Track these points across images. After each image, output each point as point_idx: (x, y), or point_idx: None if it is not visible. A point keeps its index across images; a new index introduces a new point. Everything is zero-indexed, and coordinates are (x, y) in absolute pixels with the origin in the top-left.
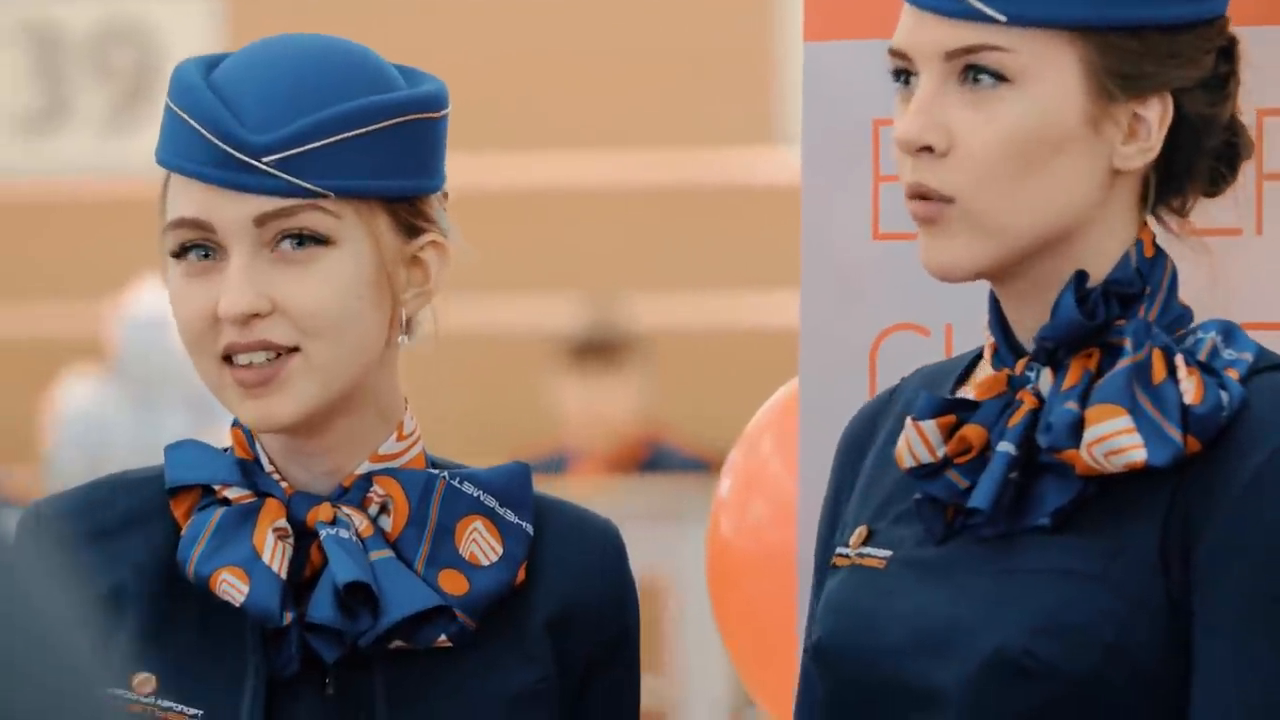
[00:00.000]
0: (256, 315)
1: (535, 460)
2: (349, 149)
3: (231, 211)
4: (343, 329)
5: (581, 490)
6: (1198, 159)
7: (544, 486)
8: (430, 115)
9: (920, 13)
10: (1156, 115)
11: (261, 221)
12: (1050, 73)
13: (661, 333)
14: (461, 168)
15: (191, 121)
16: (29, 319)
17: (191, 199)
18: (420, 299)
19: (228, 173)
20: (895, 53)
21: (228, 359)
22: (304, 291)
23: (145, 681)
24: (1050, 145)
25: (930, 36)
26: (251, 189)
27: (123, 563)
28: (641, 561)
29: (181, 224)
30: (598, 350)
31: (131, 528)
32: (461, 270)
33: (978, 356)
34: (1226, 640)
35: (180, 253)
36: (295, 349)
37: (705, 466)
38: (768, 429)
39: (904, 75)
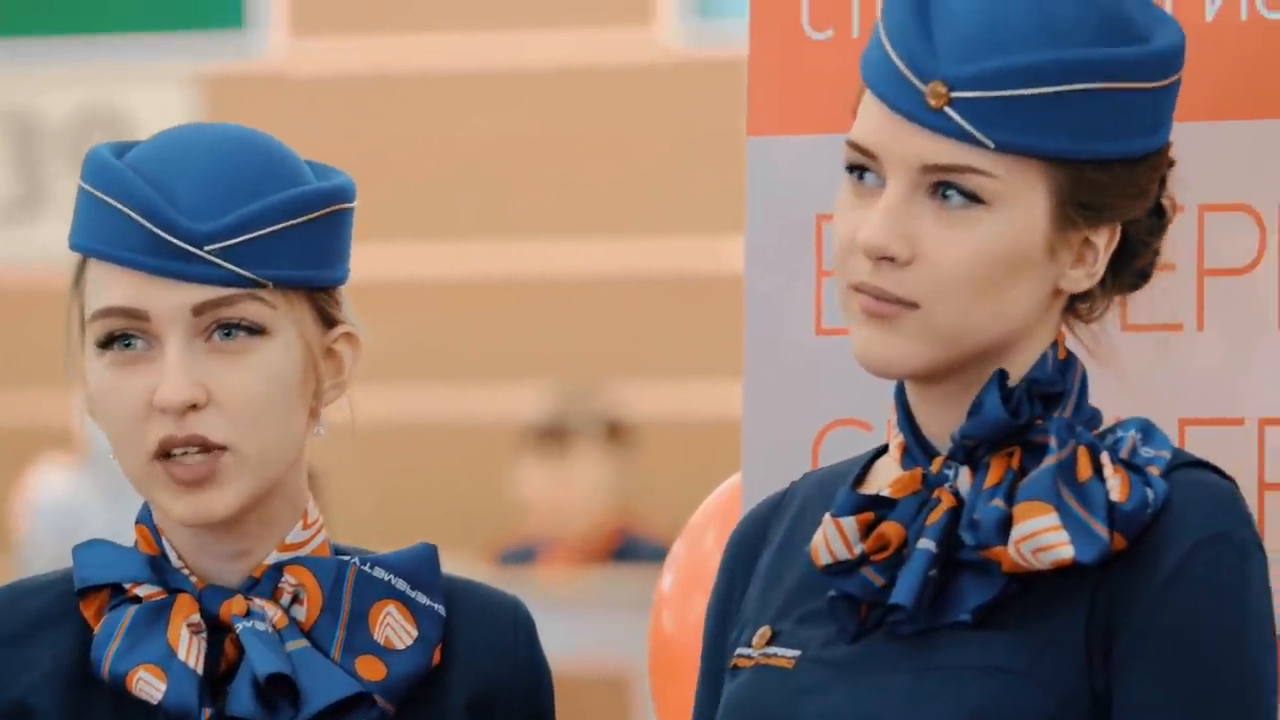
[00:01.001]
0: (193, 407)
1: (504, 550)
2: (284, 239)
3: (168, 300)
4: (272, 421)
5: (552, 579)
6: (1123, 279)
7: (514, 576)
8: (347, 206)
9: (896, 117)
10: (1105, 242)
11: (200, 310)
12: (1023, 199)
13: (630, 420)
14: (431, 256)
15: (121, 207)
16: (2, 407)
17: (121, 287)
18: (336, 390)
19: (165, 261)
20: (860, 149)
21: (162, 454)
22: (238, 383)
23: None
24: (1012, 267)
25: (907, 146)
26: (191, 278)
27: (29, 671)
28: (612, 651)
29: (110, 313)
30: (564, 437)
31: (36, 634)
32: (423, 358)
33: (873, 457)
34: None
35: (107, 343)
36: (224, 447)
37: None
38: (711, 522)
39: (859, 171)
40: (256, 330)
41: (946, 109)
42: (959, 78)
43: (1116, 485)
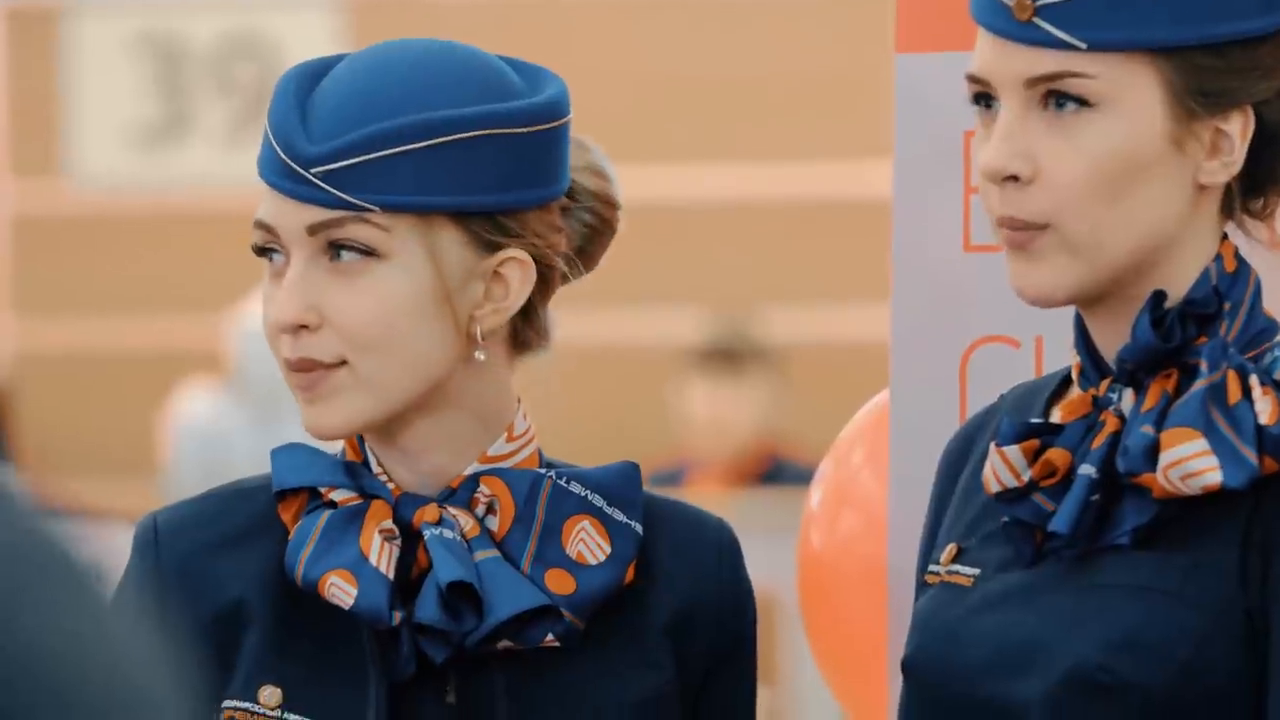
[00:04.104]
0: (304, 327)
1: (655, 471)
2: (403, 163)
3: (289, 219)
4: (390, 344)
5: (701, 501)
6: (1278, 165)
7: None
8: (518, 129)
9: (998, 40)
10: (1238, 129)
11: (314, 231)
12: (1132, 96)
13: (785, 345)
14: None
15: (267, 126)
16: (149, 332)
17: (265, 203)
18: (497, 315)
19: (284, 181)
20: (974, 79)
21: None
22: (349, 305)
23: (272, 694)
24: (1136, 167)
25: (1009, 65)
26: (304, 199)
27: (243, 575)
28: (756, 574)
29: (257, 225)
30: (723, 361)
31: (249, 538)
32: (587, 283)
33: (1069, 374)
34: None
35: (261, 252)
36: (343, 362)
37: None
38: (858, 441)
39: (984, 99)
40: (368, 252)
41: (1035, 19)
42: None
43: (1266, 408)
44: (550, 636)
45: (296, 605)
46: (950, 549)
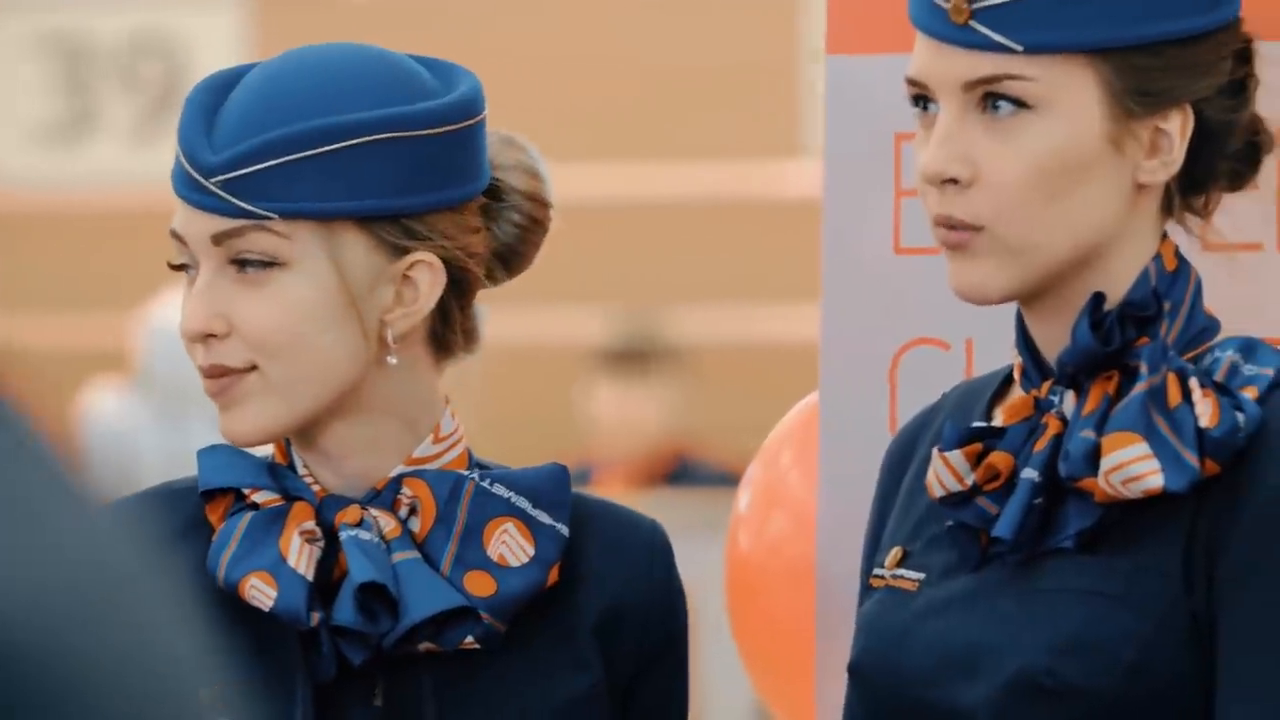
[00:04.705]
0: (213, 335)
1: None
2: (302, 170)
3: (196, 229)
4: (297, 350)
5: None
6: (1218, 164)
7: None
8: (424, 131)
9: (935, 42)
10: (1177, 128)
11: (218, 240)
12: (1070, 97)
13: (692, 345)
14: None
15: (177, 139)
16: (54, 330)
17: (177, 214)
18: (407, 318)
19: (190, 192)
20: (912, 82)
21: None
22: (254, 313)
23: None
24: (1075, 168)
25: (947, 67)
26: (206, 208)
27: (177, 575)
28: None
29: (172, 235)
30: (630, 361)
31: (182, 538)
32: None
33: (1011, 374)
34: (1250, 657)
35: (180, 267)
36: (253, 368)
37: (734, 479)
38: (787, 442)
39: (922, 102)
40: (271, 260)
41: (971, 22)
42: None
43: (1206, 411)
44: (470, 638)
45: (228, 607)
46: (895, 552)
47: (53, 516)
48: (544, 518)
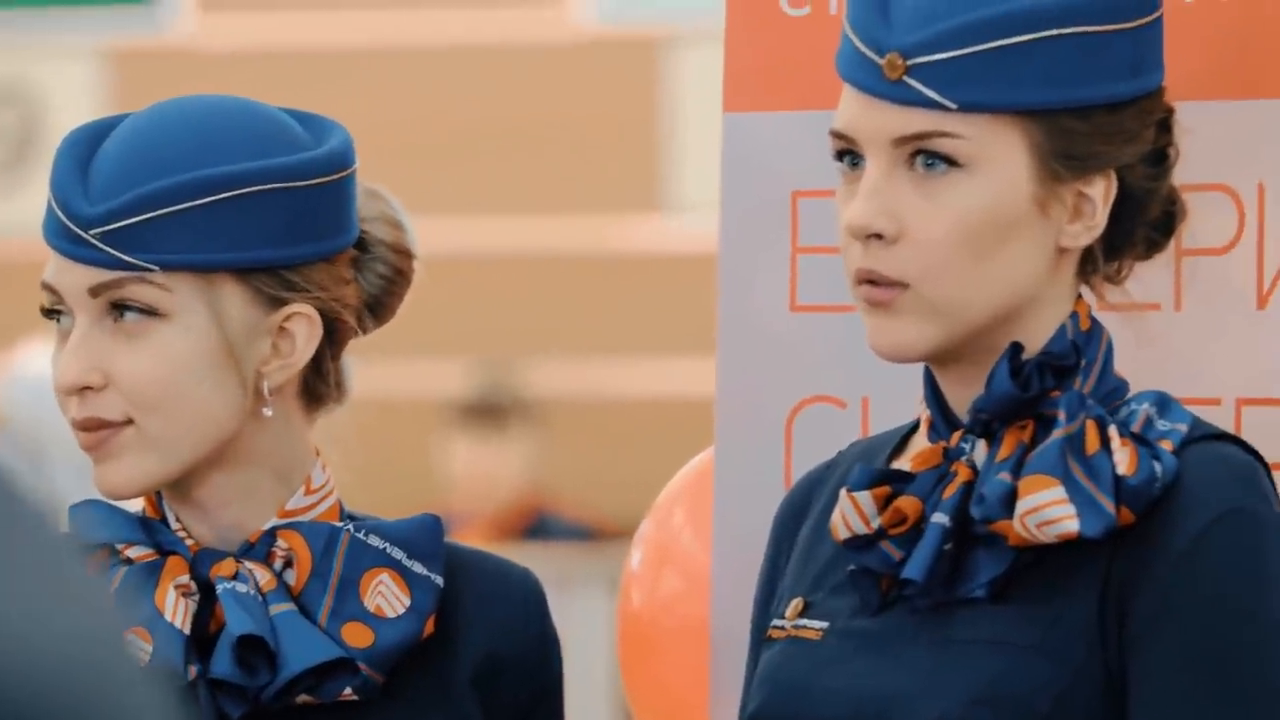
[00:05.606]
0: (89, 388)
1: None
2: (181, 222)
3: (71, 280)
4: (174, 403)
5: None
6: (1137, 231)
7: None
8: (299, 183)
9: (866, 97)
10: (1101, 193)
11: (95, 292)
12: (999, 156)
13: (549, 399)
14: None
15: (50, 190)
16: None
17: (50, 264)
18: (284, 370)
19: (65, 243)
20: (839, 135)
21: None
22: (132, 366)
23: None
24: (1002, 228)
25: (877, 123)
26: (83, 260)
27: None
28: None
29: (44, 287)
30: (487, 415)
31: None
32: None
33: (912, 429)
34: (1163, 706)
35: (49, 314)
36: (129, 421)
37: (591, 535)
38: (679, 500)
39: (849, 156)
40: (150, 312)
41: (905, 78)
42: (913, 45)
43: (1124, 459)
44: (348, 690)
45: None
46: (796, 603)
47: (58, 576)
48: (419, 568)
